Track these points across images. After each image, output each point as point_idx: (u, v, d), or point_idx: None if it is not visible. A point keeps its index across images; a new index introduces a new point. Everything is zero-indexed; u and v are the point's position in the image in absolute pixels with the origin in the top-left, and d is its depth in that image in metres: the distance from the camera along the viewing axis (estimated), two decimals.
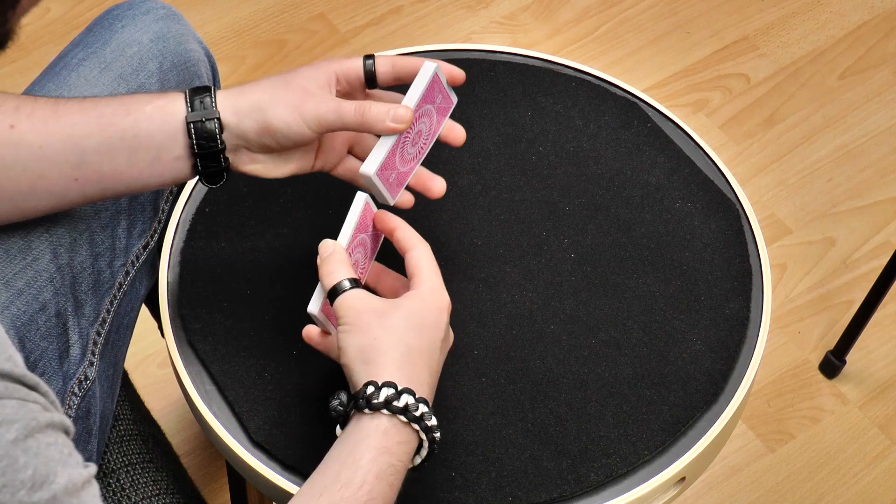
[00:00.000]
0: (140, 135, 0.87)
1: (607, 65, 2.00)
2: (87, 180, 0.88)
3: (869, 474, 1.59)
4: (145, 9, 1.05)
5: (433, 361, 0.83)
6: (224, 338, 0.97)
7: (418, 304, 0.83)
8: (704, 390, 0.95)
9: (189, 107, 0.87)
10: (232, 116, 0.87)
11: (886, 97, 1.97)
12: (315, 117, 0.86)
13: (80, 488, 0.65)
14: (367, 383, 0.79)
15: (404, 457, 0.80)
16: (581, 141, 1.09)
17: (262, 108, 0.87)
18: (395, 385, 0.79)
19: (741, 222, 1.05)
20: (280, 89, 0.88)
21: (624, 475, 0.91)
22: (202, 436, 1.57)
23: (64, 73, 1.01)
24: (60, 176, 0.87)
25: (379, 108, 0.86)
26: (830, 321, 1.72)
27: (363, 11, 2.08)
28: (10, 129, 0.86)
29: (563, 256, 1.02)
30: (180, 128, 0.87)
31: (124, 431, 1.04)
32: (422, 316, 0.83)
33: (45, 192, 0.88)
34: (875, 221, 1.82)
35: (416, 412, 0.79)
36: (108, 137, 0.87)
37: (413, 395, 0.79)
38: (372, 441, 0.78)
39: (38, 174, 0.87)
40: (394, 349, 0.81)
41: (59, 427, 0.66)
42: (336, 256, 0.86)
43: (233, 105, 0.87)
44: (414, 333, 0.82)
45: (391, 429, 0.79)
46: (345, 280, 0.84)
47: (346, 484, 0.77)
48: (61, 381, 0.93)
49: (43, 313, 0.92)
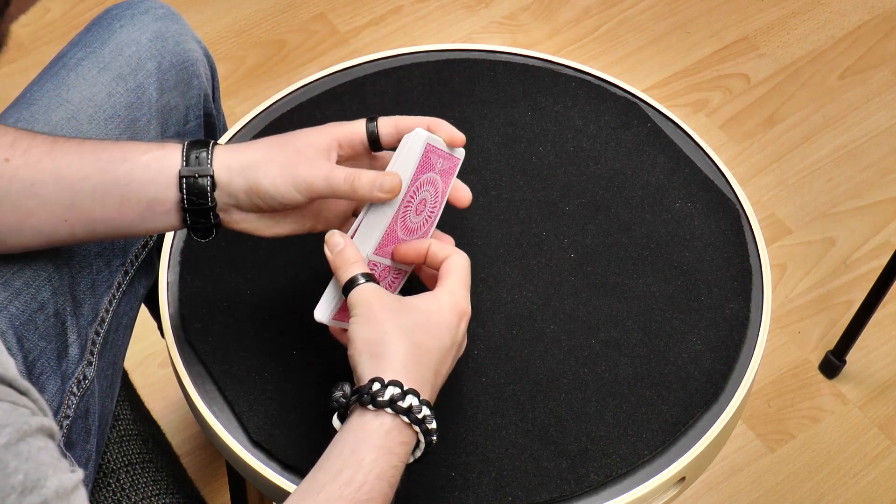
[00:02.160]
0: (133, 183, 0.86)
1: (607, 65, 2.00)
2: (77, 222, 0.87)
3: (869, 474, 1.59)
4: (144, 9, 1.05)
5: (441, 365, 0.83)
6: (224, 338, 0.97)
7: (434, 305, 0.83)
8: (704, 390, 0.95)
9: (184, 161, 0.86)
10: (224, 174, 0.86)
11: (886, 97, 1.97)
12: (305, 183, 0.85)
13: (69, 492, 0.65)
14: (373, 380, 0.79)
15: (404, 457, 0.80)
16: (581, 141, 1.09)
17: (253, 167, 0.85)
18: (401, 385, 0.79)
19: (741, 222, 1.04)
20: (275, 150, 0.86)
21: (624, 475, 0.91)
22: (202, 436, 1.57)
23: (63, 72, 1.01)
24: (50, 215, 0.86)
25: (368, 177, 0.84)
26: (830, 321, 1.72)
27: (363, 11, 2.08)
28: (5, 162, 0.85)
29: (563, 256, 1.02)
30: (173, 181, 0.86)
31: (124, 431, 1.04)
32: (435, 318, 0.83)
33: (32, 230, 0.87)
34: (875, 221, 1.82)
35: (419, 414, 0.79)
36: (102, 182, 0.86)
37: (418, 396, 0.79)
38: (375, 440, 0.78)
39: (28, 211, 0.86)
40: (402, 347, 0.80)
41: (47, 432, 0.66)
42: (348, 251, 0.85)
43: (227, 162, 0.86)
44: (424, 334, 0.82)
45: (394, 429, 0.79)
46: (359, 274, 0.84)
47: (346, 482, 0.76)
48: (59, 380, 0.93)
49: (41, 313, 0.92)
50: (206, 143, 0.87)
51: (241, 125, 1.10)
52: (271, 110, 1.11)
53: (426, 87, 1.12)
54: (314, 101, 1.11)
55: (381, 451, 0.78)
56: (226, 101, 1.85)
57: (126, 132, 1.01)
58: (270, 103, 1.11)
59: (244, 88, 1.96)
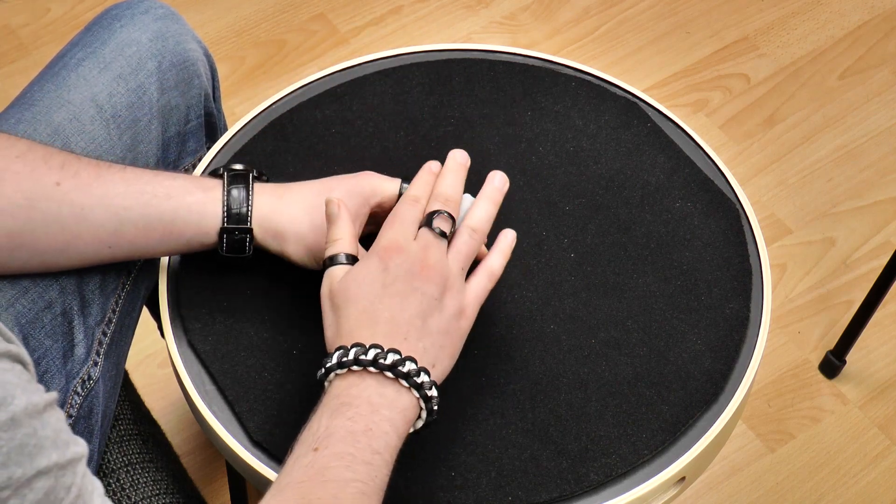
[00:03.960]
0: (177, 222, 0.91)
1: (607, 65, 2.01)
2: (119, 248, 0.92)
3: (869, 474, 1.59)
4: (144, 8, 1.05)
5: (399, 310, 0.81)
6: (224, 338, 0.97)
7: (362, 263, 0.83)
8: (704, 390, 0.95)
9: (225, 213, 0.92)
10: (259, 233, 0.93)
11: (886, 97, 1.97)
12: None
13: (41, 410, 0.64)
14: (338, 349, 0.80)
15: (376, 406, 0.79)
16: (581, 141, 1.09)
17: (284, 238, 0.93)
18: (344, 347, 0.80)
19: (741, 222, 1.05)
20: (306, 222, 0.92)
21: (624, 475, 0.91)
22: (202, 436, 1.57)
23: (63, 72, 1.01)
24: (95, 239, 0.90)
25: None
26: (830, 321, 1.72)
27: (363, 11, 2.08)
28: (56, 185, 0.88)
29: (563, 256, 1.02)
30: (214, 231, 0.92)
31: (124, 431, 1.04)
32: (363, 274, 0.82)
33: (76, 253, 0.91)
34: (875, 221, 1.82)
35: (383, 361, 0.78)
36: (147, 215, 0.90)
37: (349, 349, 0.79)
38: (326, 403, 0.79)
39: (75, 234, 0.89)
40: (342, 318, 0.82)
41: (14, 357, 0.66)
42: (343, 224, 0.87)
43: (263, 223, 0.93)
44: (359, 292, 0.82)
45: (338, 384, 0.79)
46: (342, 254, 0.85)
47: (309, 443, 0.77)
48: (64, 380, 0.93)
49: (48, 311, 0.92)
50: (245, 182, 0.93)
51: (241, 125, 1.10)
52: (271, 110, 1.11)
53: (426, 87, 1.12)
54: (314, 101, 1.11)
55: (329, 409, 0.78)
56: (226, 101, 1.85)
57: (127, 132, 1.01)
58: (270, 103, 1.11)
59: (244, 88, 1.97)
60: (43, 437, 0.64)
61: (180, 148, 1.08)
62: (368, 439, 0.76)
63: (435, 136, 1.09)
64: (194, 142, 1.10)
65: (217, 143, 1.08)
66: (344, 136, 1.09)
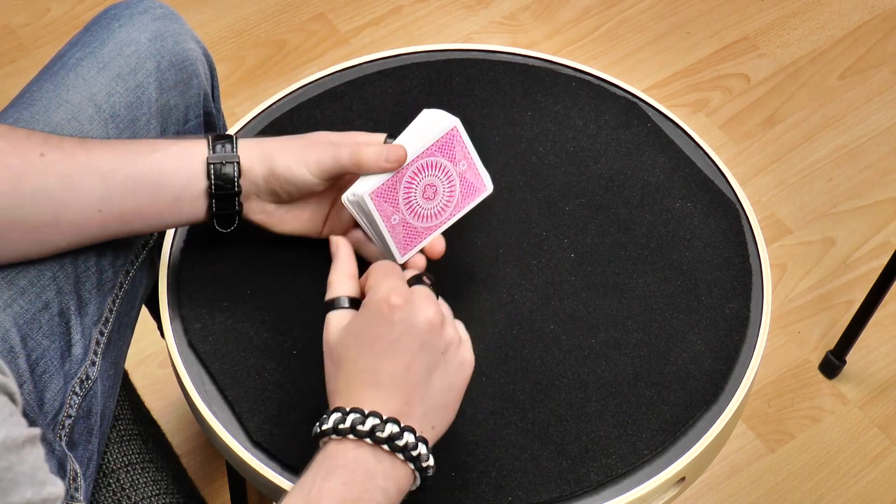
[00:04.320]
0: (164, 173, 0.90)
1: (607, 65, 2.01)
2: (110, 214, 0.90)
3: (869, 474, 1.59)
4: (142, 8, 1.05)
5: (407, 372, 0.79)
6: (224, 338, 0.97)
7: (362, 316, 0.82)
8: (704, 390, 0.95)
9: (211, 150, 0.91)
10: (247, 161, 0.91)
11: (886, 97, 1.97)
12: (315, 162, 0.90)
13: (20, 446, 0.64)
14: (333, 410, 0.79)
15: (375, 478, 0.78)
16: (581, 141, 1.09)
17: (270, 154, 0.91)
18: (343, 409, 0.78)
19: (741, 222, 1.05)
20: (293, 140, 0.93)
21: (624, 475, 0.91)
22: (202, 436, 1.57)
23: (62, 73, 1.01)
24: (85, 207, 0.89)
25: (373, 149, 0.89)
26: (830, 321, 1.72)
27: (363, 11, 2.08)
28: (41, 156, 0.88)
29: (563, 256, 1.02)
30: (201, 168, 0.90)
31: (124, 431, 1.04)
32: (364, 329, 0.81)
33: (67, 224, 0.90)
34: (875, 221, 1.82)
35: (361, 426, 0.77)
36: (134, 173, 0.89)
37: (362, 413, 0.77)
38: (320, 461, 0.78)
39: (64, 203, 0.89)
40: (342, 373, 0.81)
41: (1, 389, 0.65)
42: (344, 264, 0.87)
43: (249, 151, 0.91)
44: (360, 350, 0.80)
45: (338, 450, 0.78)
46: (344, 297, 0.85)
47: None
48: (62, 380, 0.93)
49: (46, 312, 0.92)
50: (229, 137, 0.92)
51: (242, 125, 1.10)
52: (271, 110, 1.11)
53: (426, 87, 1.12)
54: (314, 101, 1.11)
55: (324, 469, 0.77)
56: (226, 101, 1.85)
57: (126, 132, 1.01)
58: (270, 103, 1.11)
59: (244, 88, 1.97)
60: (19, 473, 0.63)
61: None
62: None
63: None
64: None
65: None
66: None
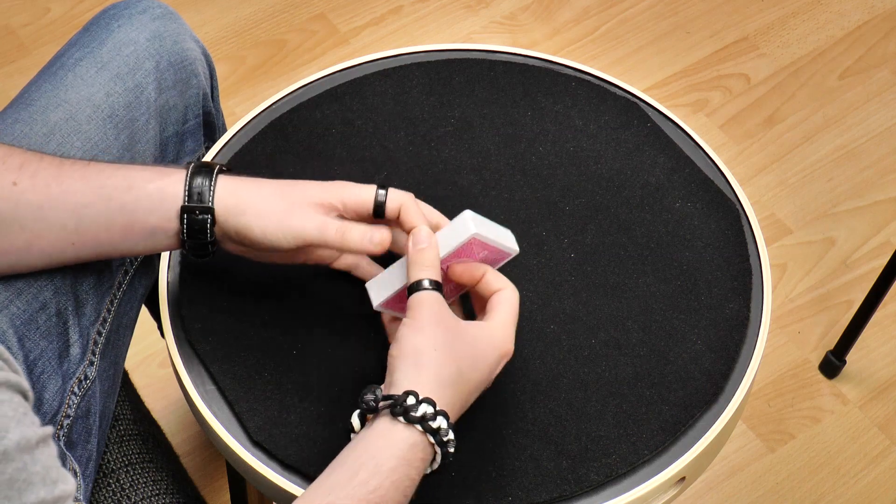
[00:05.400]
0: (138, 212, 0.89)
1: (607, 65, 2.01)
2: (84, 245, 0.90)
3: (869, 474, 1.59)
4: (141, 8, 1.05)
5: (471, 395, 0.85)
6: (224, 338, 0.97)
7: (485, 338, 0.85)
8: (704, 390, 0.95)
9: (186, 193, 0.88)
10: (222, 213, 0.89)
11: (886, 97, 1.97)
12: (296, 233, 0.88)
13: (34, 446, 0.64)
14: (408, 393, 0.80)
15: (421, 470, 0.81)
16: (581, 141, 1.09)
17: (245, 212, 0.89)
18: (434, 403, 0.80)
19: (741, 222, 1.05)
20: (274, 200, 0.89)
21: (624, 475, 0.91)
22: (202, 436, 1.57)
23: (61, 73, 1.01)
24: (58, 238, 0.89)
25: (360, 230, 0.88)
26: (830, 321, 1.72)
27: (363, 11, 2.08)
28: (13, 185, 0.87)
29: (563, 256, 1.02)
30: (175, 213, 0.89)
31: (124, 431, 1.04)
32: (482, 351, 0.85)
33: (40, 252, 0.90)
34: (875, 221, 1.82)
35: (444, 437, 0.80)
36: (107, 209, 0.88)
37: (447, 418, 0.80)
38: (398, 451, 0.79)
39: (36, 234, 0.88)
40: (446, 369, 0.82)
41: (14, 387, 0.66)
42: (429, 253, 0.86)
43: (226, 200, 0.89)
44: (469, 363, 0.83)
45: (418, 444, 0.80)
46: (428, 279, 0.85)
47: (361, 483, 0.77)
48: (60, 380, 0.93)
49: (43, 312, 0.92)
50: (209, 171, 0.89)
51: (241, 125, 1.10)
52: (271, 110, 1.11)
53: (426, 87, 1.12)
54: (314, 101, 1.11)
55: (402, 461, 0.79)
56: (226, 101, 1.85)
57: (124, 132, 1.01)
58: (270, 103, 1.11)
59: (244, 88, 1.97)
60: (33, 473, 0.64)
61: (178, 148, 1.08)
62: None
63: (435, 136, 1.09)
64: (192, 142, 1.10)
65: (217, 143, 1.08)
66: (344, 136, 1.09)
